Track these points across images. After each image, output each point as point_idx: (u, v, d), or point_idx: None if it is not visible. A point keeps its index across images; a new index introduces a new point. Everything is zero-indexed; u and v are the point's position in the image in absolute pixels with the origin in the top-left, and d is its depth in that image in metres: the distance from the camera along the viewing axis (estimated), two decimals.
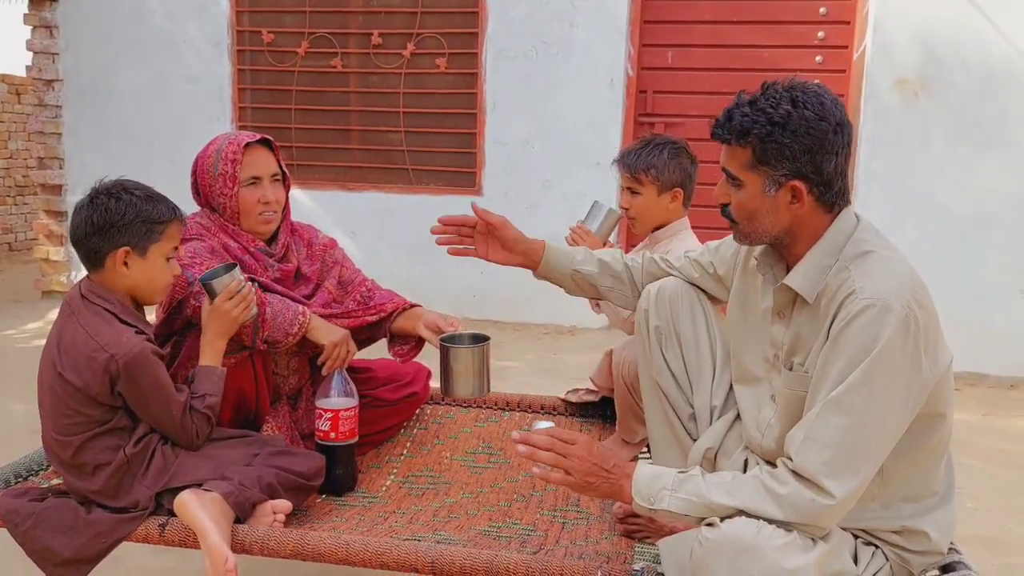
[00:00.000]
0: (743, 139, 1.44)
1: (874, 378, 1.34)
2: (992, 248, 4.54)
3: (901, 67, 4.57)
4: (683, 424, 1.83)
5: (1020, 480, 3.13)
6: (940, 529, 1.50)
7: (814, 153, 1.42)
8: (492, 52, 5.11)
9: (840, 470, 1.34)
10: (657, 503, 1.44)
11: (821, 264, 1.47)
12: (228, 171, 2.04)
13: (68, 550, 1.68)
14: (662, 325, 1.82)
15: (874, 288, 1.37)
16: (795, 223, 1.49)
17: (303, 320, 2.03)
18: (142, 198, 1.76)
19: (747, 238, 1.55)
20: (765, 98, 1.45)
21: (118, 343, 1.69)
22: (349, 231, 5.33)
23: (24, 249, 8.18)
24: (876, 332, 1.34)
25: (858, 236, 1.47)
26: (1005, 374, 4.51)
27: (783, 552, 1.32)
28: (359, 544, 1.64)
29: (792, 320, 1.54)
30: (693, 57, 4.96)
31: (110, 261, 1.75)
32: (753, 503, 1.37)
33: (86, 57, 5.64)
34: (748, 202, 1.49)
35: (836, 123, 1.44)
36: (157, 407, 1.75)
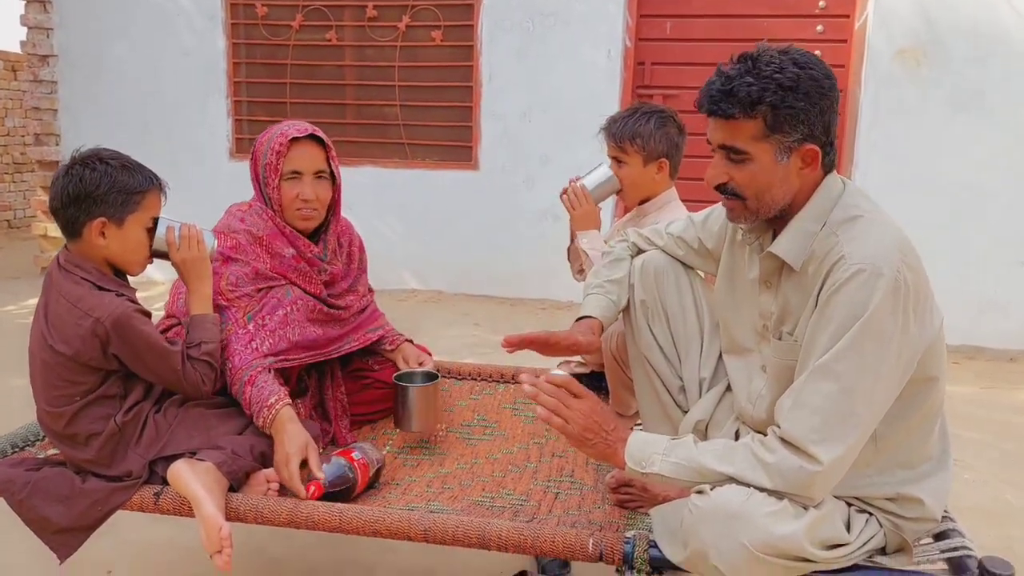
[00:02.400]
0: (751, 110, 1.38)
1: (863, 344, 1.33)
2: (992, 219, 4.52)
3: (902, 36, 4.52)
4: (673, 397, 1.83)
5: (1019, 452, 3.14)
6: (934, 496, 1.50)
7: (824, 113, 1.40)
8: (488, 24, 5.07)
9: (828, 436, 1.34)
10: (648, 467, 1.45)
11: (807, 230, 1.45)
12: (272, 162, 2.00)
13: (64, 519, 1.69)
14: (648, 299, 1.80)
15: (863, 253, 1.35)
16: (800, 190, 1.45)
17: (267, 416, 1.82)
18: (118, 168, 1.74)
19: (754, 214, 1.49)
20: (765, 64, 1.39)
21: (100, 306, 1.69)
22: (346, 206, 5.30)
23: (23, 226, 8.18)
24: (866, 297, 1.33)
25: (845, 200, 1.45)
26: (1004, 347, 4.51)
27: (772, 519, 1.32)
28: (353, 512, 1.64)
29: (780, 289, 1.52)
30: (692, 28, 4.91)
31: (87, 231, 1.73)
32: (743, 471, 1.38)
33: (80, 32, 5.60)
34: (760, 175, 1.43)
35: (835, 80, 1.42)
36: (154, 362, 1.75)
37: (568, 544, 1.54)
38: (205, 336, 1.83)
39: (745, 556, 1.31)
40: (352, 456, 1.85)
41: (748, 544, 1.31)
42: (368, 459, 1.88)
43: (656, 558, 1.49)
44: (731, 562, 1.32)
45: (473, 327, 4.66)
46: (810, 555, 1.34)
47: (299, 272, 2.08)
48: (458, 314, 4.95)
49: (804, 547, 1.33)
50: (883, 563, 1.48)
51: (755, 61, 1.40)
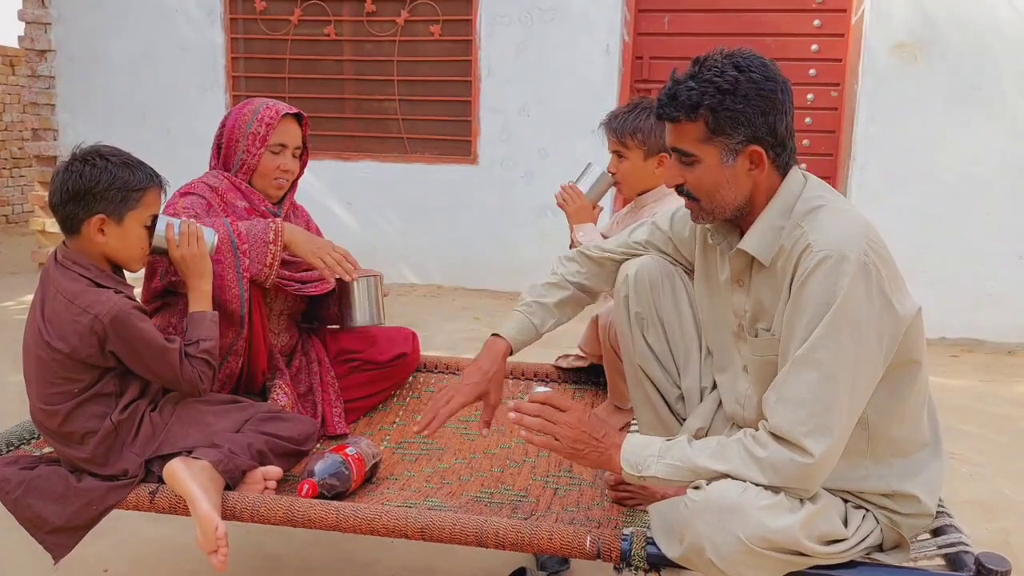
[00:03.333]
0: (693, 113, 1.42)
1: (839, 329, 1.34)
2: (990, 213, 4.51)
3: (899, 30, 4.51)
4: (671, 407, 1.82)
5: (1017, 446, 3.14)
6: (929, 491, 1.50)
7: (767, 115, 1.42)
8: (486, 18, 5.05)
9: (816, 427, 1.34)
10: (644, 470, 1.45)
11: (774, 225, 1.46)
12: (260, 132, 2.13)
13: (59, 518, 1.68)
14: (643, 310, 1.79)
15: (828, 240, 1.37)
16: (754, 190, 1.48)
17: (275, 226, 2.00)
18: (118, 164, 1.73)
19: (710, 215, 1.52)
20: (707, 68, 1.42)
21: (99, 303, 1.68)
22: (344, 201, 5.32)
23: (21, 221, 8.17)
24: (835, 283, 1.34)
25: (807, 193, 1.47)
26: (1003, 340, 4.51)
27: (768, 512, 1.32)
28: (349, 510, 1.64)
29: (751, 286, 1.53)
30: (689, 22, 4.90)
31: (86, 228, 1.72)
32: (737, 467, 1.38)
33: (78, 27, 5.58)
34: (706, 176, 1.47)
35: (782, 82, 1.43)
36: (152, 360, 1.74)
37: (566, 541, 1.53)
38: (204, 334, 1.82)
39: (741, 550, 1.31)
40: (347, 452, 1.84)
41: (744, 538, 1.31)
42: (363, 454, 1.88)
43: (653, 555, 1.49)
44: (727, 556, 1.32)
45: (472, 321, 4.66)
46: (806, 549, 1.34)
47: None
48: (457, 308, 4.95)
49: (800, 541, 1.33)
50: (881, 559, 1.48)
51: (700, 65, 1.44)
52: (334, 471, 1.79)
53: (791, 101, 1.45)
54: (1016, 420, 3.41)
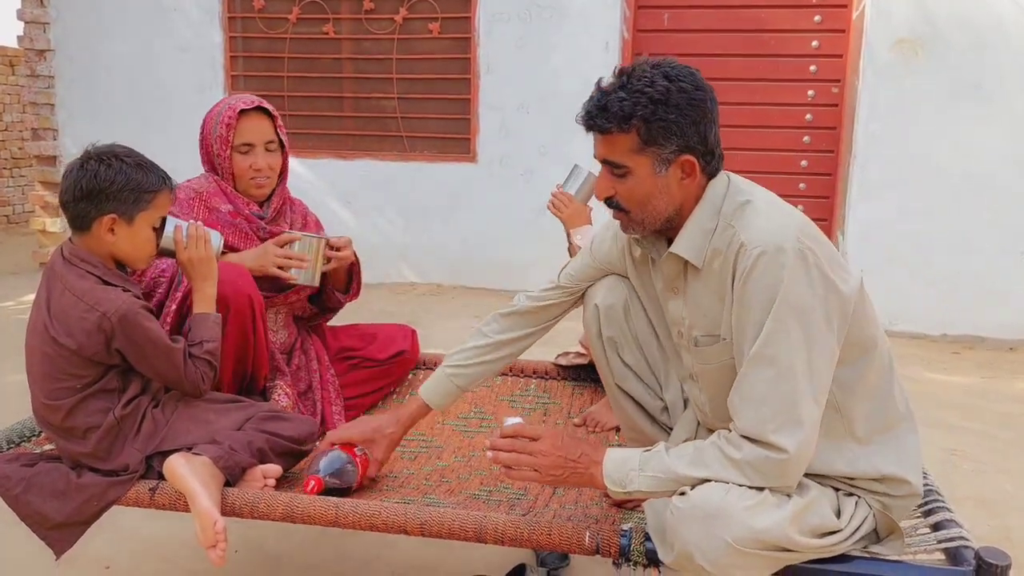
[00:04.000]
0: (625, 124, 1.40)
1: (787, 320, 1.34)
2: (991, 209, 4.51)
3: (900, 26, 4.50)
4: (655, 419, 1.83)
5: (1019, 442, 3.14)
6: (914, 468, 1.50)
7: (698, 124, 1.42)
8: (485, 16, 5.05)
9: (784, 422, 1.35)
10: (628, 485, 1.45)
11: (704, 228, 1.47)
12: (223, 135, 2.10)
13: (60, 514, 1.69)
14: (616, 335, 1.79)
15: (759, 235, 1.38)
16: (684, 199, 1.48)
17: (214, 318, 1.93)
18: (132, 166, 1.74)
19: (640, 225, 1.51)
20: (636, 79, 1.41)
21: (107, 301, 1.69)
22: (344, 200, 5.31)
23: (21, 221, 8.17)
24: (775, 276, 1.35)
25: (732, 192, 1.47)
26: (1004, 336, 4.50)
27: (752, 512, 1.32)
28: (349, 507, 1.64)
29: (687, 293, 1.54)
30: (689, 19, 4.89)
31: (96, 227, 1.73)
32: (717, 472, 1.38)
33: (77, 26, 5.58)
34: (638, 187, 1.46)
35: (709, 91, 1.44)
36: (157, 359, 1.75)
37: (565, 537, 1.53)
38: (207, 335, 1.84)
39: (729, 553, 1.31)
40: (354, 451, 1.84)
41: (731, 540, 1.30)
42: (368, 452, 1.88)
43: (652, 551, 1.49)
44: (715, 560, 1.31)
45: (473, 319, 4.65)
46: (797, 545, 1.34)
47: (234, 228, 2.13)
48: (457, 306, 4.94)
49: (790, 536, 1.33)
50: (879, 552, 1.48)
51: (628, 76, 1.43)
52: (339, 468, 1.79)
53: (717, 110, 1.46)
54: (1018, 417, 3.41)
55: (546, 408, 2.39)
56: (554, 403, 2.41)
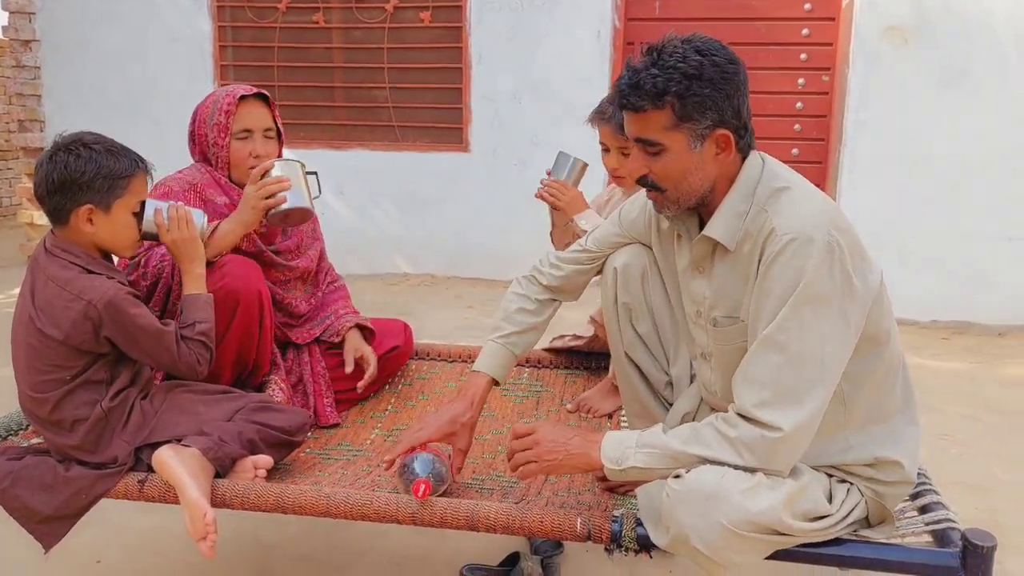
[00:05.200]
0: (659, 100, 1.40)
1: (803, 310, 1.35)
2: (980, 195, 4.52)
3: (890, 14, 4.50)
4: (657, 393, 1.83)
5: (1007, 427, 3.16)
6: (910, 456, 1.51)
7: (731, 98, 1.41)
8: (476, 4, 5.02)
9: (783, 404, 1.35)
10: (624, 463, 1.45)
11: (737, 211, 1.46)
12: (222, 122, 2.08)
13: (48, 507, 1.68)
14: (632, 301, 1.79)
15: (791, 222, 1.38)
16: (719, 175, 1.47)
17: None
18: (102, 152, 1.70)
19: (676, 204, 1.50)
20: (668, 55, 1.40)
21: (92, 289, 1.67)
22: (337, 190, 5.29)
23: (8, 214, 8.11)
24: (800, 265, 1.35)
25: (767, 176, 1.47)
26: (993, 322, 4.53)
27: (748, 495, 1.33)
28: (340, 497, 1.63)
29: (712, 273, 1.53)
30: (680, 7, 4.88)
31: (74, 218, 1.71)
32: (710, 449, 1.38)
33: (63, 16, 5.53)
34: (674, 165, 1.45)
35: (740, 64, 1.43)
36: (149, 344, 1.74)
37: (556, 524, 1.54)
38: (199, 316, 1.82)
39: (725, 535, 1.32)
40: (436, 449, 1.75)
41: (726, 523, 1.31)
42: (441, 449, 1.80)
43: (644, 536, 1.49)
44: (711, 542, 1.32)
45: (465, 309, 4.65)
46: (790, 528, 1.35)
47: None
48: (450, 297, 4.94)
49: (783, 520, 1.34)
50: (868, 535, 1.49)
51: (659, 52, 1.42)
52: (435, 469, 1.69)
53: (747, 83, 1.45)
54: (1006, 401, 3.43)
55: (539, 396, 2.39)
56: (547, 390, 2.42)
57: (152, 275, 1.98)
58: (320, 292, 2.36)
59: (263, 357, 2.07)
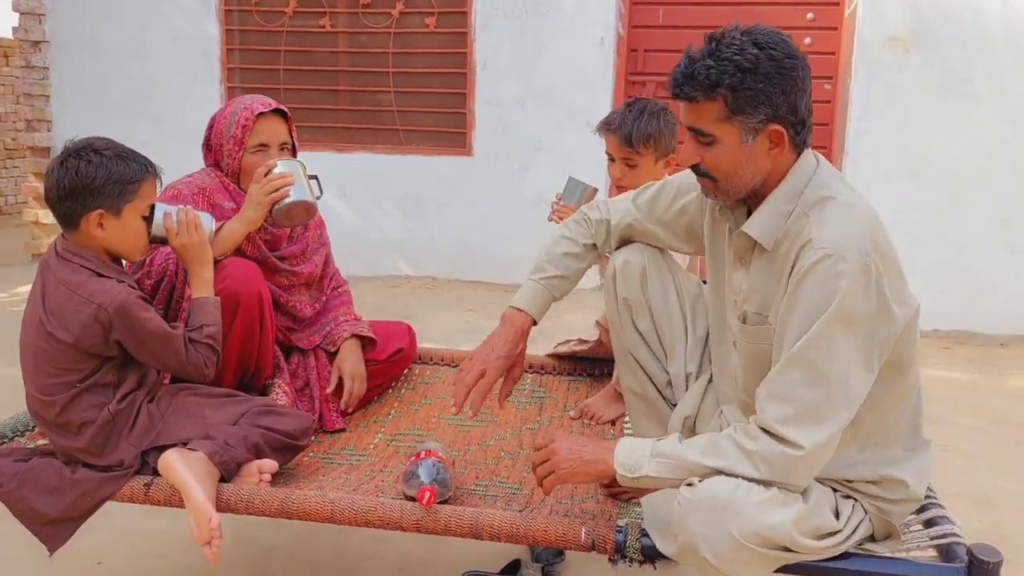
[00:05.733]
0: (712, 92, 1.38)
1: (834, 330, 1.33)
2: (982, 205, 4.53)
3: (892, 24, 4.51)
4: (660, 392, 1.83)
5: (1010, 437, 3.16)
6: (917, 476, 1.50)
7: (788, 93, 1.39)
8: (481, 11, 5.04)
9: (806, 423, 1.34)
10: (638, 470, 1.44)
11: (780, 210, 1.44)
12: (238, 135, 2.10)
13: (54, 510, 1.68)
14: (631, 297, 1.79)
15: (831, 237, 1.35)
16: (773, 171, 1.45)
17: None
18: (112, 158, 1.72)
19: (726, 194, 1.49)
20: (725, 46, 1.38)
21: (102, 293, 1.68)
22: (340, 192, 5.30)
23: (14, 212, 8.12)
24: (834, 283, 1.32)
25: (818, 180, 1.44)
26: (995, 332, 4.53)
27: (761, 508, 1.32)
28: (345, 502, 1.64)
29: (751, 267, 1.52)
30: (684, 15, 4.90)
31: (85, 223, 1.72)
32: (728, 462, 1.37)
33: (72, 18, 5.55)
34: (724, 157, 1.43)
35: (801, 59, 1.41)
36: (158, 347, 1.75)
37: (560, 533, 1.54)
38: (207, 319, 1.83)
39: (735, 546, 1.31)
40: (439, 455, 1.75)
41: (737, 535, 1.30)
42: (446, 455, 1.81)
43: (648, 547, 1.49)
44: (721, 553, 1.32)
45: (467, 313, 4.66)
46: (799, 546, 1.35)
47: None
48: (452, 300, 4.94)
49: (793, 537, 1.33)
50: (874, 550, 1.49)
51: (717, 43, 1.40)
52: (440, 477, 1.68)
53: (810, 78, 1.42)
54: (1009, 412, 3.43)
55: (542, 402, 2.39)
56: (550, 397, 2.42)
57: (156, 274, 1.99)
58: (324, 296, 2.37)
59: (265, 359, 2.07)
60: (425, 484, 1.64)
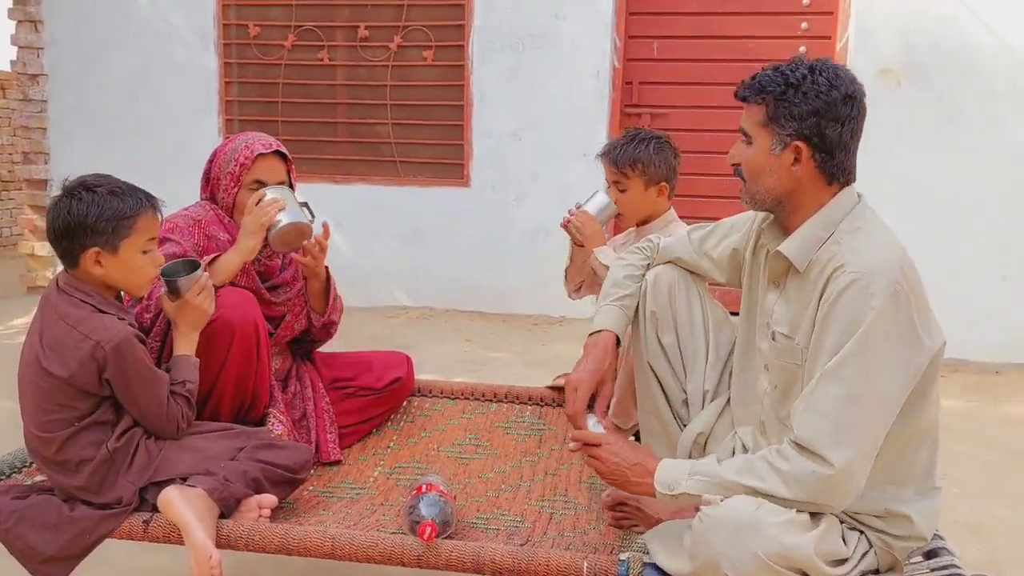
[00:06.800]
0: (759, 95, 1.51)
1: (868, 349, 1.38)
2: (976, 233, 4.57)
3: (884, 57, 4.58)
4: (674, 411, 1.85)
5: (1005, 465, 3.16)
6: (923, 515, 1.51)
7: (820, 116, 1.47)
8: (479, 44, 5.10)
9: (839, 440, 1.37)
10: (676, 488, 1.49)
11: (816, 235, 1.52)
12: (235, 172, 2.12)
13: (51, 548, 1.67)
14: (659, 311, 1.84)
15: (861, 262, 1.42)
16: (796, 188, 1.53)
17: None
18: (105, 195, 1.71)
19: (752, 198, 1.59)
20: (788, 64, 1.51)
21: (102, 329, 1.68)
22: (337, 224, 5.31)
23: (10, 245, 8.12)
24: (864, 305, 1.38)
25: (856, 213, 1.52)
26: (990, 360, 4.54)
27: (783, 529, 1.34)
28: (345, 538, 1.64)
29: (785, 289, 1.58)
30: (678, 48, 4.96)
31: (83, 261, 1.72)
32: (763, 482, 1.41)
33: (70, 51, 5.58)
34: (755, 159, 1.54)
35: (847, 93, 1.48)
36: (142, 392, 1.74)
37: (563, 568, 1.54)
38: (189, 376, 1.84)
39: (758, 566, 1.33)
40: (440, 489, 1.76)
41: (761, 553, 1.32)
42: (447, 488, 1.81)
43: None
44: (743, 572, 1.34)
45: (464, 343, 4.66)
46: (816, 570, 1.36)
47: None
48: (449, 330, 4.95)
49: (813, 560, 1.35)
50: None
51: (790, 62, 1.53)
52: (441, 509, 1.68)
53: (855, 115, 1.50)
54: (1004, 440, 3.44)
55: (541, 434, 2.40)
56: (549, 429, 2.42)
57: (156, 307, 1.99)
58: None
59: (261, 388, 2.07)
60: (426, 519, 1.64)
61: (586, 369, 1.76)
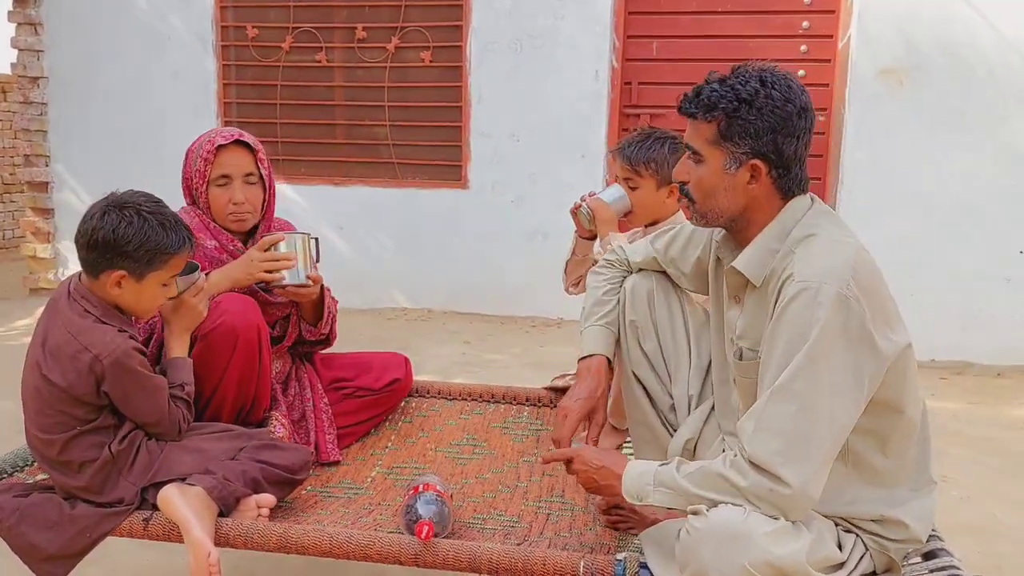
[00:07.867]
0: (709, 113, 1.46)
1: (816, 361, 1.34)
2: (976, 235, 4.56)
3: (885, 56, 4.58)
4: (662, 416, 1.85)
5: (1007, 468, 3.15)
6: (918, 519, 1.50)
7: (776, 133, 1.44)
8: (477, 45, 5.10)
9: (793, 457, 1.34)
10: (644, 498, 1.47)
11: (769, 248, 1.49)
12: (201, 169, 2.09)
13: (53, 546, 1.68)
14: (639, 319, 1.83)
15: (810, 271, 1.38)
16: (751, 205, 1.50)
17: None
18: (155, 225, 1.68)
19: (703, 218, 1.55)
20: (735, 76, 1.46)
21: (102, 343, 1.68)
22: (336, 225, 5.33)
23: (11, 247, 8.13)
24: (811, 315, 1.35)
25: (807, 220, 1.48)
26: (991, 362, 4.53)
27: (772, 539, 1.32)
28: (343, 537, 1.64)
29: (744, 304, 1.56)
30: (678, 48, 4.96)
31: (104, 277, 1.71)
32: (722, 497, 1.38)
33: (70, 54, 5.60)
34: (707, 179, 1.50)
35: (801, 107, 1.45)
36: (142, 402, 1.74)
37: (559, 567, 1.54)
38: (186, 378, 1.85)
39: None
40: (438, 489, 1.76)
41: (748, 564, 1.30)
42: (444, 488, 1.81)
43: None
44: None
45: (463, 345, 4.66)
46: None
47: (219, 264, 2.10)
48: (448, 332, 4.95)
49: (806, 569, 1.33)
50: None
51: (733, 72, 1.48)
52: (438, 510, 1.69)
53: (808, 128, 1.47)
54: (1006, 443, 3.43)
55: (538, 435, 2.40)
56: (546, 429, 2.42)
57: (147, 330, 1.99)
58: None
59: (263, 392, 2.08)
60: (423, 518, 1.64)
61: (579, 397, 1.76)
